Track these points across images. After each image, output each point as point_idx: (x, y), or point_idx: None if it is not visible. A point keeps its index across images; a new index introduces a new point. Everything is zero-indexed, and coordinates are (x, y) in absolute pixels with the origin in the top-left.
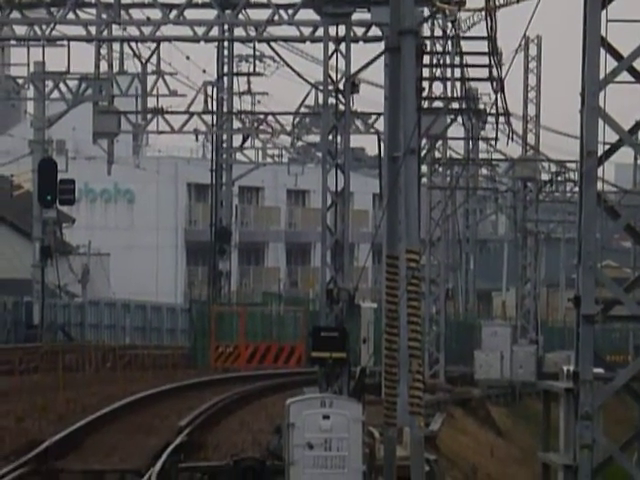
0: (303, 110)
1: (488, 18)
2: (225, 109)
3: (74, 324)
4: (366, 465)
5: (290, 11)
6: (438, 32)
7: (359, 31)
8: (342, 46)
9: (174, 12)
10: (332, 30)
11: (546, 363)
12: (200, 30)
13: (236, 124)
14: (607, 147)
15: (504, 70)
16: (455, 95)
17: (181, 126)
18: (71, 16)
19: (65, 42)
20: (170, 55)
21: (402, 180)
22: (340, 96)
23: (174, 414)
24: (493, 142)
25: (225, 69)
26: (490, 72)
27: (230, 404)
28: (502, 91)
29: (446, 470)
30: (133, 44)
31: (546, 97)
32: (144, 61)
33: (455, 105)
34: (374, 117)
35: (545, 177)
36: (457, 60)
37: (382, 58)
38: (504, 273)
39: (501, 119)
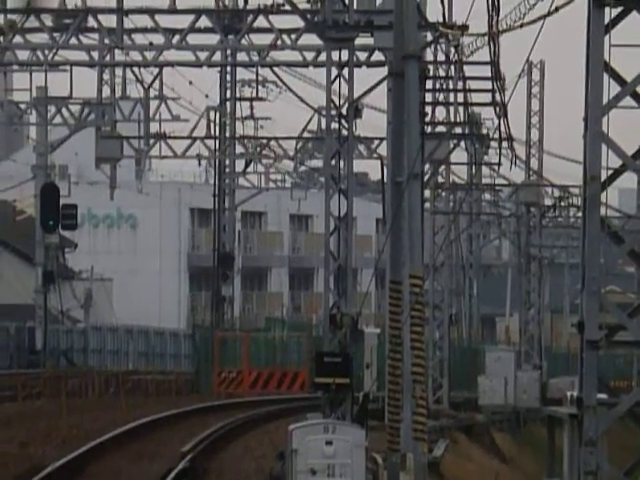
0: (306, 135)
1: (491, 43)
2: (228, 134)
3: (77, 349)
4: None
5: (293, 36)
6: (441, 57)
7: (362, 56)
8: (345, 71)
9: (177, 37)
10: (335, 55)
11: (550, 389)
12: (203, 55)
13: (239, 149)
14: (610, 172)
15: (507, 95)
16: (458, 120)
17: (184, 151)
18: (74, 41)
19: (68, 67)
20: (173, 80)
21: (405, 205)
22: (343, 121)
23: (177, 440)
24: (496, 167)
25: (228, 94)
26: (493, 97)
27: (233, 430)
28: (505, 116)
29: None
30: (136, 69)
31: (549, 122)
32: (147, 86)
33: (458, 130)
34: (377, 142)
35: (548, 202)
36: (460, 85)
37: (385, 83)
38: (508, 298)
39: (504, 144)
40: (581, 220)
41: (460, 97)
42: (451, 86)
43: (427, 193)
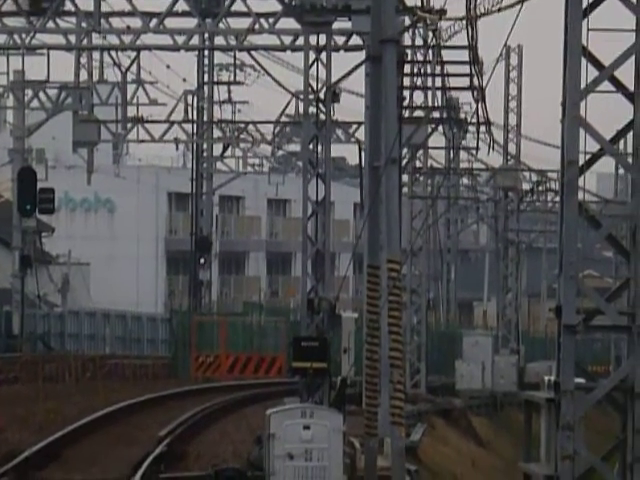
0: (284, 119)
1: (469, 27)
2: (205, 118)
3: (54, 334)
4: (347, 476)
5: (271, 20)
6: (419, 41)
7: (340, 40)
8: (323, 55)
9: (154, 21)
10: (313, 39)
11: (527, 373)
12: (180, 39)
13: (216, 133)
14: (588, 157)
15: (485, 79)
16: (436, 104)
17: (161, 135)
18: (51, 25)
19: (45, 51)
20: (150, 64)
21: (383, 190)
22: (321, 105)
23: (154, 424)
24: (474, 151)
25: (205, 78)
26: (471, 81)
27: (211, 414)
28: (483, 100)
29: None
30: (113, 53)
31: (527, 106)
32: (124, 70)
33: (436, 114)
34: (355, 126)
35: (526, 187)
36: (438, 69)
37: (363, 67)
38: (485, 283)
39: (482, 128)
40: (559, 205)
41: (438, 81)
42: (429, 70)
43: (405, 178)
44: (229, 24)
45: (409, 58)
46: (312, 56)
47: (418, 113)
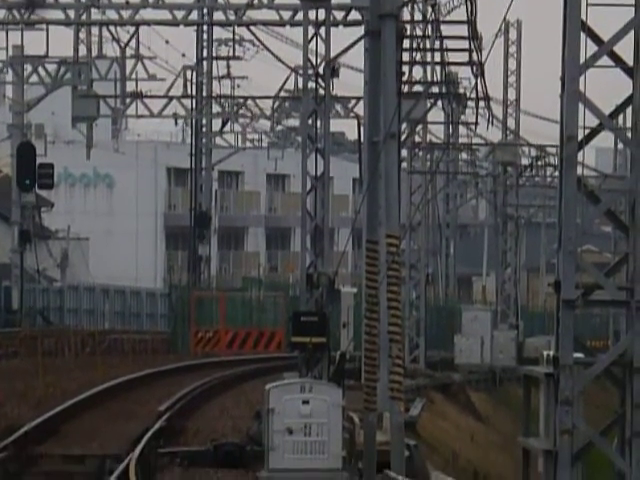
0: (283, 94)
1: (468, 2)
2: (204, 93)
3: (53, 309)
4: (346, 450)
5: None
6: (418, 16)
7: (339, 15)
8: (322, 30)
9: None
10: (312, 14)
11: (526, 348)
12: (179, 14)
13: (215, 108)
14: (587, 131)
15: (484, 54)
16: (435, 79)
17: (160, 110)
18: (50, 0)
19: (44, 26)
20: (149, 39)
21: (382, 165)
22: (320, 80)
23: (154, 399)
24: (473, 126)
25: (204, 53)
26: (470, 56)
27: (210, 389)
28: (482, 75)
29: (426, 455)
30: (112, 28)
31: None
32: (123, 45)
33: (435, 89)
34: (354, 101)
35: (525, 162)
36: (437, 44)
37: (362, 42)
38: (484, 258)
39: (481, 103)
40: (558, 180)
41: (437, 56)
42: (428, 45)
43: (404, 153)
44: None
45: (408, 33)
46: (311, 31)
47: (417, 88)
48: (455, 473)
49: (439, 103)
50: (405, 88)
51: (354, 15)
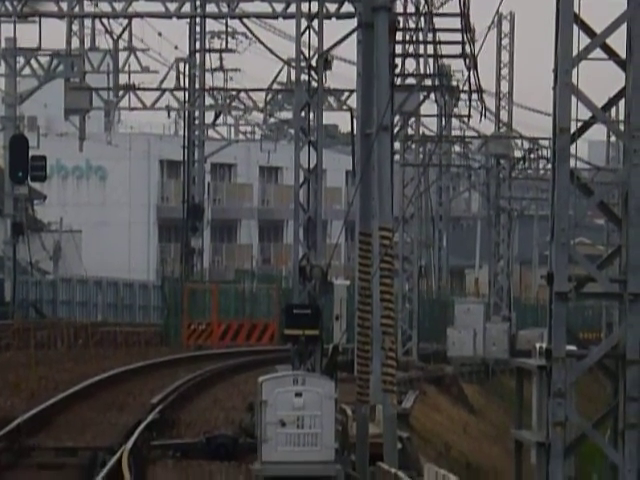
0: (275, 87)
1: None
2: (197, 86)
3: (46, 301)
4: (339, 443)
5: None
6: (411, 8)
7: (332, 7)
8: (315, 22)
9: None
10: (304, 6)
11: (519, 340)
12: (172, 6)
13: (208, 101)
14: (580, 124)
15: (477, 47)
16: (428, 72)
17: (153, 102)
18: None
19: (37, 18)
20: (142, 31)
21: (375, 157)
22: (313, 73)
23: (146, 392)
24: (466, 119)
25: (197, 45)
26: (463, 49)
27: (203, 382)
28: (475, 68)
29: (419, 447)
30: (105, 20)
31: (519, 74)
32: (116, 37)
33: (428, 82)
34: (347, 94)
35: (518, 154)
36: (430, 37)
37: (355, 34)
38: (477, 250)
39: (474, 96)
40: (550, 172)
41: (430, 49)
42: (421, 38)
43: (397, 145)
44: None
45: (401, 25)
46: (304, 23)
47: (410, 81)
48: (448, 465)
49: (432, 96)
50: (398, 80)
51: (347, 7)
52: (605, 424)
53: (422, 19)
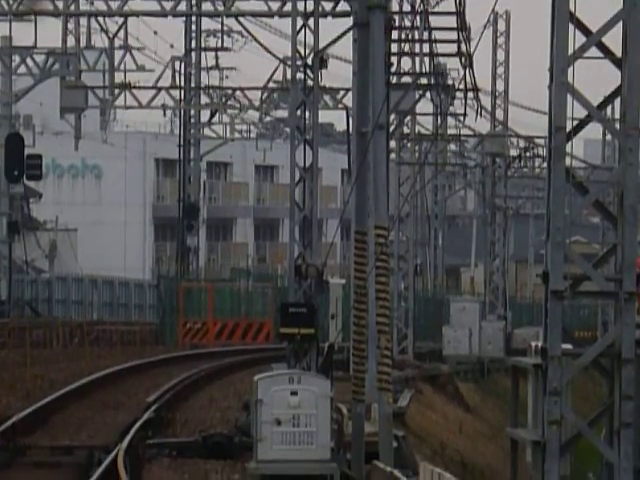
0: (271, 85)
1: None
2: (193, 84)
3: (41, 300)
4: (334, 441)
5: None
6: (407, 7)
7: (327, 6)
8: (310, 21)
9: None
10: (300, 5)
11: (515, 339)
12: (168, 5)
13: (204, 99)
14: (576, 123)
15: (473, 45)
16: (424, 70)
17: (149, 101)
18: None
19: (32, 16)
20: (138, 30)
21: (371, 156)
22: (308, 71)
23: (142, 390)
24: (462, 118)
25: (193, 44)
26: (459, 47)
27: (198, 380)
28: (471, 66)
29: (414, 446)
30: (100, 19)
31: (515, 73)
32: (111, 36)
33: (424, 80)
34: (343, 92)
35: (514, 153)
36: (426, 35)
37: (350, 33)
38: (473, 249)
39: (470, 95)
40: (546, 171)
41: (426, 48)
42: (417, 37)
43: (392, 144)
44: None
45: (397, 24)
46: (300, 22)
47: (406, 79)
48: (443, 464)
49: (428, 94)
50: (394, 79)
51: (343, 6)
52: (601, 423)
53: (418, 18)
